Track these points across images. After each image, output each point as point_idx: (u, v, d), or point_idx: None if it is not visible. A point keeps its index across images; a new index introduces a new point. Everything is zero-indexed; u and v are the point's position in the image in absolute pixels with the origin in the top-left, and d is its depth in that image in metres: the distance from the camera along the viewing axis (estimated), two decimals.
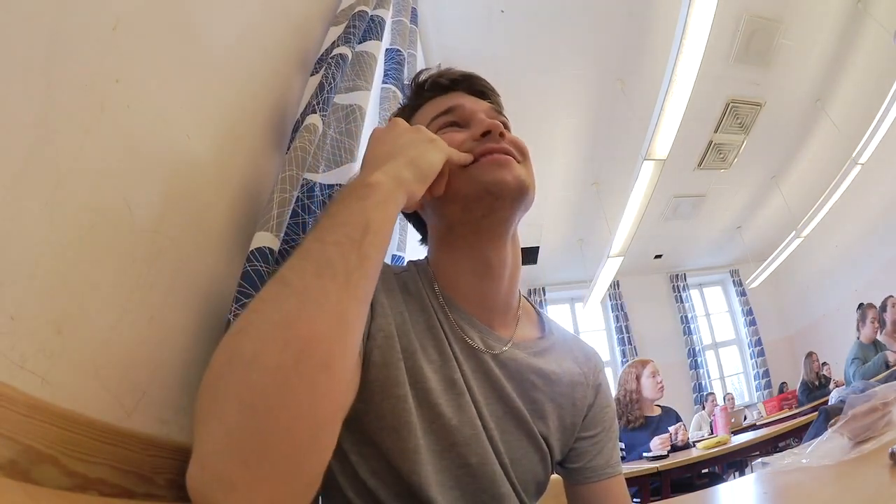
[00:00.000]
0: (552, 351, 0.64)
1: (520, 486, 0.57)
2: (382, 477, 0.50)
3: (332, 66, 0.79)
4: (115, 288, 0.42)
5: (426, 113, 0.63)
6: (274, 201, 0.62)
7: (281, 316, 0.32)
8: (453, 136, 0.57)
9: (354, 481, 0.51)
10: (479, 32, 2.94)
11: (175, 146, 0.53)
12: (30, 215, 0.35)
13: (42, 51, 0.37)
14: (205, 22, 0.61)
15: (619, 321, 6.13)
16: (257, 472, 0.28)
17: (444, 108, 0.61)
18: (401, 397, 0.50)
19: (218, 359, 0.32)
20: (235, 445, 0.29)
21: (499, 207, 0.54)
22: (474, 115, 0.59)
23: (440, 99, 0.63)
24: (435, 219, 0.61)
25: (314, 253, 0.36)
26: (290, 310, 0.32)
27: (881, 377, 2.64)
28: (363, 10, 0.94)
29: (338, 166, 0.78)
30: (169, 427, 0.47)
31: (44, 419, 0.33)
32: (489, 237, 0.57)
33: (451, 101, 0.62)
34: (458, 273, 0.59)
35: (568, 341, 0.69)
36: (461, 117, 0.60)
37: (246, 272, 0.57)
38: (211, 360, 0.32)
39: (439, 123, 0.60)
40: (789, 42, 3.31)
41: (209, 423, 0.30)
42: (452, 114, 0.60)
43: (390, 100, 1.06)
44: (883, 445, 0.68)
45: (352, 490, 0.51)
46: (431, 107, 0.63)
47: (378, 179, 0.42)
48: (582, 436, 0.64)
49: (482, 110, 0.60)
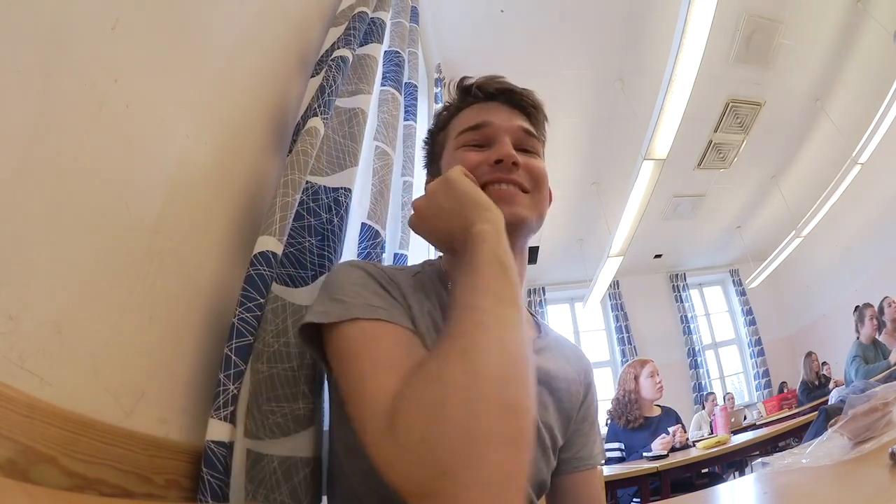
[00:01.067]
0: (548, 350, 0.68)
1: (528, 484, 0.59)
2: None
3: (333, 69, 0.79)
4: (115, 288, 0.42)
5: (461, 120, 0.65)
6: (276, 205, 0.62)
7: (497, 337, 0.38)
8: (471, 157, 0.60)
9: (367, 477, 0.51)
10: (479, 32, 2.94)
11: (175, 146, 0.53)
12: (30, 215, 0.35)
13: (41, 50, 0.37)
14: (204, 22, 0.60)
15: (619, 321, 6.13)
16: (519, 457, 0.34)
17: (474, 122, 0.63)
18: None
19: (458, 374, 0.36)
20: (504, 442, 0.33)
21: None
22: (497, 137, 0.61)
23: (478, 107, 0.65)
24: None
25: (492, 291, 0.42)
26: (501, 334, 0.39)
27: (881, 377, 2.64)
28: (363, 11, 0.93)
29: (342, 169, 0.78)
30: (169, 427, 0.47)
31: (43, 419, 0.33)
32: None
33: (484, 115, 0.63)
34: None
35: (560, 342, 0.73)
36: (485, 137, 0.62)
37: (249, 276, 0.57)
38: (438, 373, 0.37)
39: (464, 139, 0.63)
40: (789, 42, 3.31)
41: (480, 429, 0.33)
42: (478, 131, 0.62)
43: (389, 102, 1.06)
44: (883, 445, 0.68)
45: (364, 486, 0.52)
46: (467, 116, 0.65)
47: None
48: (573, 428, 0.69)
49: (509, 131, 0.62)
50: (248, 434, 0.54)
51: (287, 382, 0.57)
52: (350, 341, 0.46)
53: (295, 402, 0.57)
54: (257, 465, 0.54)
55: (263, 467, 0.54)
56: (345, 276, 0.54)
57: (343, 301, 0.49)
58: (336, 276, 0.54)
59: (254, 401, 0.55)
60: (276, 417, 0.56)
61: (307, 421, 0.58)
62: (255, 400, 0.55)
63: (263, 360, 0.57)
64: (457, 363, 0.37)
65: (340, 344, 0.47)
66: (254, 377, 0.56)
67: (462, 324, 0.39)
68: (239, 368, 0.53)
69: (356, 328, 0.47)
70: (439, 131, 0.69)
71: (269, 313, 0.59)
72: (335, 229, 0.72)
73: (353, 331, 0.47)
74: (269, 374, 0.57)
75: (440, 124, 0.70)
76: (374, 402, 0.39)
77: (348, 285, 0.52)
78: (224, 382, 0.51)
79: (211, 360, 0.55)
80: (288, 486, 0.54)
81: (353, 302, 0.49)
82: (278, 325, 0.59)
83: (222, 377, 0.51)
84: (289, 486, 0.54)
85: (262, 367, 0.57)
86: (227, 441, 0.50)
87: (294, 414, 0.57)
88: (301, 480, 0.55)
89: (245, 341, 0.54)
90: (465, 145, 0.62)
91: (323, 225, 0.72)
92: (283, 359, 0.58)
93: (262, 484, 0.53)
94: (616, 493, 2.41)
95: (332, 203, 0.74)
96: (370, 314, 0.48)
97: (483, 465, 0.32)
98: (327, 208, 0.73)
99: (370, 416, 0.39)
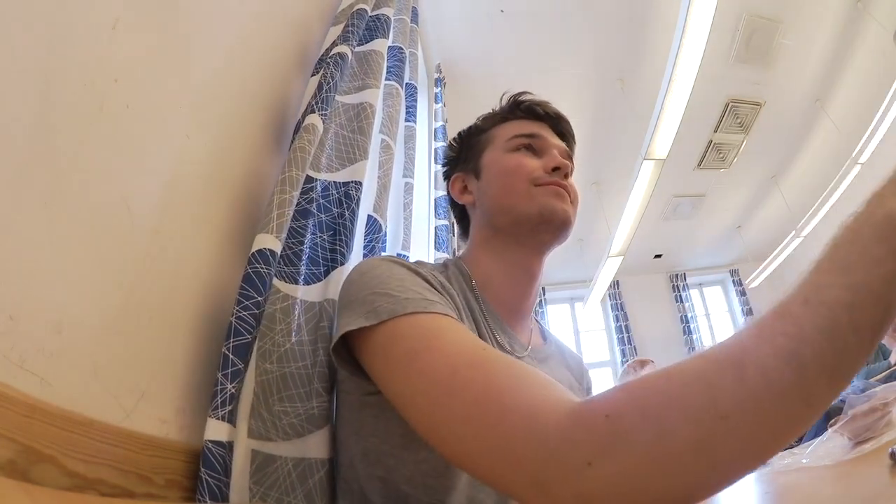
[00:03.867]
0: (553, 358, 0.69)
1: None
2: (416, 486, 0.49)
3: (331, 66, 0.79)
4: (115, 288, 0.42)
5: (511, 128, 0.69)
6: (274, 203, 0.62)
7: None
8: (528, 161, 0.64)
9: (383, 484, 0.50)
10: (479, 32, 2.94)
11: (175, 146, 0.53)
12: (30, 215, 0.35)
13: (41, 50, 0.37)
14: (204, 22, 0.60)
15: (619, 321, 6.12)
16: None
17: (528, 131, 0.67)
18: None
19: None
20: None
21: (544, 230, 0.61)
22: (551, 149, 0.66)
23: (526, 122, 0.69)
24: (483, 221, 0.66)
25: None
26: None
27: (881, 377, 2.63)
28: (362, 8, 0.93)
29: (351, 164, 0.79)
30: (169, 427, 0.47)
31: (43, 419, 0.33)
32: (530, 251, 0.63)
33: (536, 128, 0.68)
34: (495, 276, 0.63)
35: (561, 349, 0.75)
36: (539, 146, 0.66)
37: (247, 274, 0.56)
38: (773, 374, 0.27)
39: (519, 142, 0.66)
40: (789, 42, 3.31)
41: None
42: (533, 139, 0.66)
43: (393, 97, 1.06)
44: (883, 445, 0.68)
45: (378, 494, 0.50)
46: (517, 125, 0.69)
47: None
48: None
49: (558, 148, 0.67)
50: (254, 435, 0.53)
51: (301, 381, 0.56)
52: (411, 340, 0.41)
53: (309, 402, 0.56)
54: (268, 466, 0.52)
55: (276, 469, 0.52)
56: (385, 270, 0.50)
57: (392, 296, 0.45)
58: (374, 271, 0.50)
59: (261, 402, 0.54)
60: (290, 418, 0.54)
61: (322, 420, 0.56)
62: (263, 401, 0.54)
63: (273, 360, 0.56)
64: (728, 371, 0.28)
65: (395, 348, 0.41)
66: (261, 377, 0.55)
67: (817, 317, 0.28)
68: (237, 368, 0.52)
69: (416, 324, 0.42)
70: (480, 133, 0.72)
71: (278, 312, 0.58)
72: (346, 223, 0.72)
73: (413, 326, 0.42)
74: (281, 374, 0.55)
75: (481, 128, 0.72)
76: (529, 413, 0.32)
77: (392, 277, 0.48)
78: (222, 382, 0.50)
79: (211, 359, 0.55)
80: (303, 489, 0.53)
81: (405, 294, 0.45)
82: (290, 324, 0.58)
83: (220, 376, 0.51)
84: (304, 489, 0.53)
85: (271, 366, 0.55)
86: (225, 441, 0.49)
87: (308, 414, 0.55)
88: (316, 483, 0.54)
89: (243, 340, 0.53)
90: (519, 148, 0.66)
91: (334, 220, 0.72)
92: (296, 357, 0.57)
93: (275, 486, 0.52)
94: None
95: (343, 197, 0.74)
96: (429, 308, 0.43)
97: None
98: (338, 203, 0.74)
99: (523, 429, 0.31)
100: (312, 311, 0.62)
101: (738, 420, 0.26)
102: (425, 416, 0.38)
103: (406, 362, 0.40)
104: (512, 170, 0.64)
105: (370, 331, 0.43)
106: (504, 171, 0.65)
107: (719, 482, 0.27)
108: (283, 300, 0.60)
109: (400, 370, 0.40)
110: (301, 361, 0.57)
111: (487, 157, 0.68)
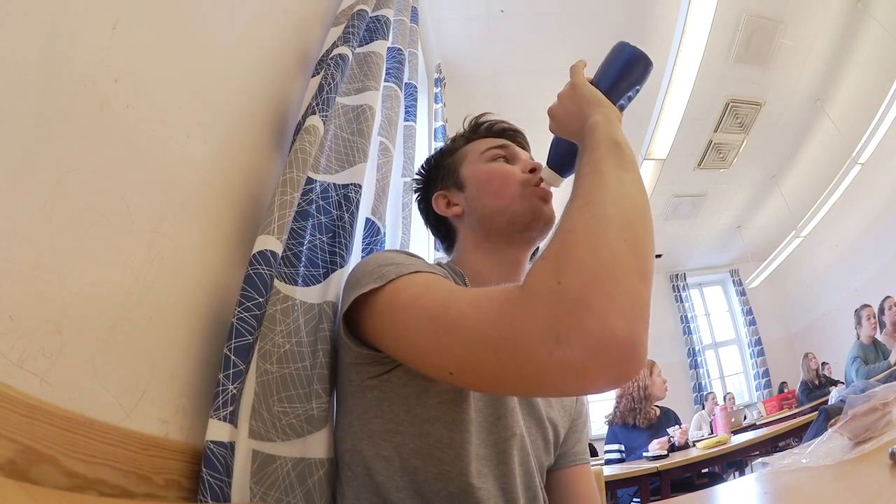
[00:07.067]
0: None
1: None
2: (424, 456, 0.53)
3: (332, 67, 0.79)
4: (115, 288, 0.42)
5: (481, 144, 0.76)
6: (275, 204, 0.62)
7: (617, 189, 0.43)
8: (507, 167, 0.72)
9: (389, 464, 0.53)
10: (478, 32, 2.94)
11: (175, 146, 0.53)
12: (30, 215, 0.35)
13: (41, 50, 0.37)
14: (205, 22, 0.60)
15: None
16: (647, 288, 0.37)
17: (498, 143, 0.75)
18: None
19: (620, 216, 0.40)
20: (631, 273, 0.36)
21: (533, 227, 0.68)
22: (520, 156, 0.74)
23: (491, 139, 0.77)
24: (475, 226, 0.72)
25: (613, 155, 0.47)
26: (620, 186, 0.43)
27: (881, 377, 2.64)
28: (363, 9, 0.93)
29: (351, 166, 0.79)
30: (169, 427, 0.47)
31: (43, 419, 0.33)
32: (519, 248, 0.70)
33: (503, 142, 0.76)
34: (487, 273, 0.68)
35: None
36: (511, 154, 0.74)
37: (248, 275, 0.56)
38: (562, 227, 0.41)
39: (495, 153, 0.74)
40: (789, 42, 3.31)
41: (608, 263, 0.36)
42: (504, 150, 0.74)
43: (392, 98, 1.06)
44: (883, 445, 0.68)
45: (384, 473, 0.53)
46: (486, 141, 0.76)
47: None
48: (570, 425, 0.74)
49: (525, 155, 0.76)
50: (254, 435, 0.54)
51: (301, 383, 0.57)
52: (415, 287, 0.47)
53: (308, 403, 0.57)
54: (267, 466, 0.53)
55: (276, 469, 0.53)
56: (391, 253, 0.56)
57: (398, 264, 0.51)
58: (381, 255, 0.56)
59: (262, 402, 0.55)
60: (290, 418, 0.55)
61: (321, 421, 0.57)
62: (263, 401, 0.55)
63: (273, 361, 0.57)
64: (580, 215, 0.40)
65: (401, 296, 0.47)
66: (261, 378, 0.56)
67: (582, 187, 0.43)
68: (238, 368, 0.52)
69: (419, 277, 0.49)
70: (451, 154, 0.78)
71: (278, 313, 0.59)
72: (346, 225, 0.72)
73: (416, 279, 0.48)
74: (281, 375, 0.56)
75: (451, 149, 0.79)
76: (484, 299, 0.40)
77: (398, 255, 0.54)
78: (223, 383, 0.51)
79: (211, 360, 0.55)
80: (302, 489, 0.54)
81: (409, 262, 0.51)
82: (289, 325, 0.59)
83: (221, 377, 0.51)
84: (303, 489, 0.54)
85: (271, 367, 0.56)
86: (226, 441, 0.49)
87: (307, 414, 0.56)
88: (315, 483, 0.55)
89: (244, 341, 0.54)
90: (495, 159, 0.73)
91: (333, 222, 0.72)
92: (295, 358, 0.58)
93: (274, 486, 0.53)
94: (616, 493, 2.41)
95: (342, 199, 0.74)
96: (430, 269, 0.50)
97: (615, 293, 0.34)
98: (337, 205, 0.74)
99: (485, 312, 0.39)
100: (312, 313, 0.62)
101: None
102: (434, 342, 0.42)
103: (410, 304, 0.46)
104: (503, 175, 0.71)
105: (379, 292, 0.49)
106: (493, 177, 0.71)
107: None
108: (283, 301, 0.60)
109: (406, 312, 0.46)
110: (301, 363, 0.58)
111: (466, 170, 0.74)
